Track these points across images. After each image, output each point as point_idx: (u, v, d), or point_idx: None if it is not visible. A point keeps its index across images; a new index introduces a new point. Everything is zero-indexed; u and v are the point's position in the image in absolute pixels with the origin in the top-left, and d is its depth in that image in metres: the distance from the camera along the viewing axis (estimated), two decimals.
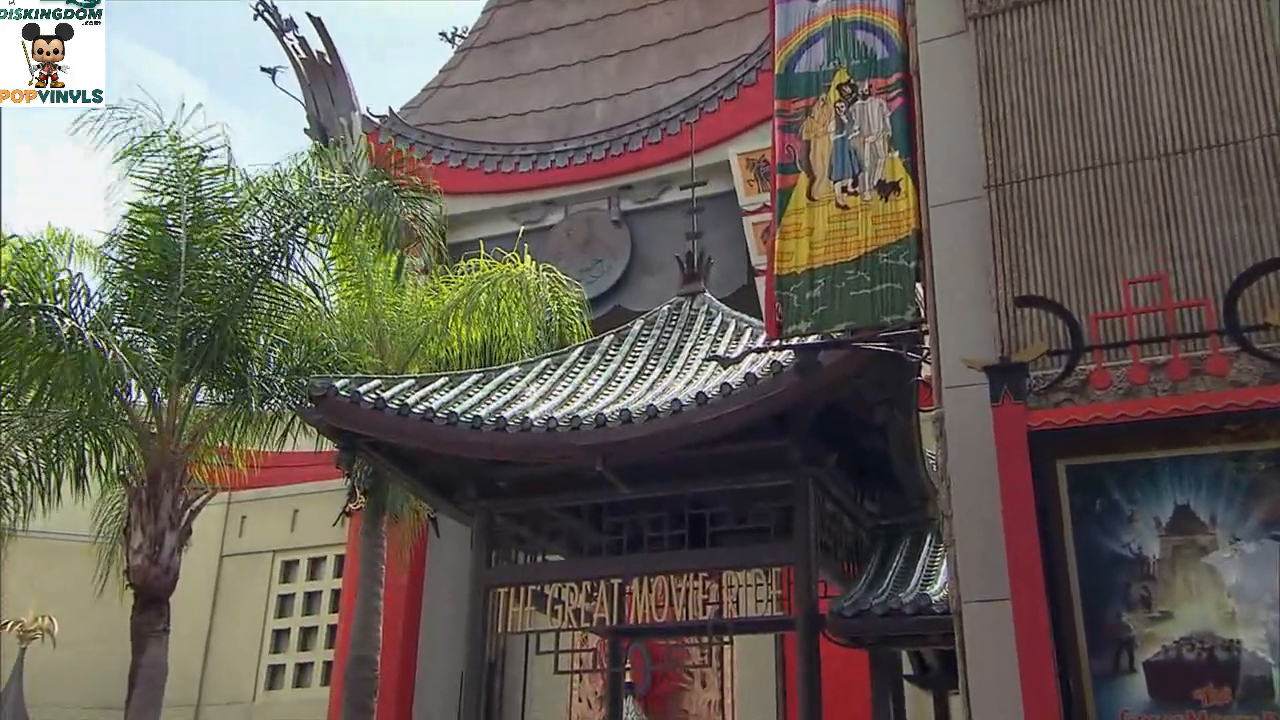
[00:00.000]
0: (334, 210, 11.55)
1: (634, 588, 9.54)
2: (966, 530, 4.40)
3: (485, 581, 9.76)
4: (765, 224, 14.74)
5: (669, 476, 9.44)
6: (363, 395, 9.24)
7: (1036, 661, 3.70)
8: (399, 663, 17.10)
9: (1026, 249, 4.57)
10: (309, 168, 12.02)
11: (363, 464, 12.14)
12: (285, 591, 20.63)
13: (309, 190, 11.70)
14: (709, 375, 9.56)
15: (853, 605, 8.44)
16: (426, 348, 13.06)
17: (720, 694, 17.09)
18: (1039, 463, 3.93)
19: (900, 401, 8.50)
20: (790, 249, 5.67)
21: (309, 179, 11.79)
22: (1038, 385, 4.26)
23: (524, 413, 9.18)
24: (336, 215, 11.62)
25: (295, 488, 20.18)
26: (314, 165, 12.16)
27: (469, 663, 9.67)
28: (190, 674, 19.51)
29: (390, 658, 15.23)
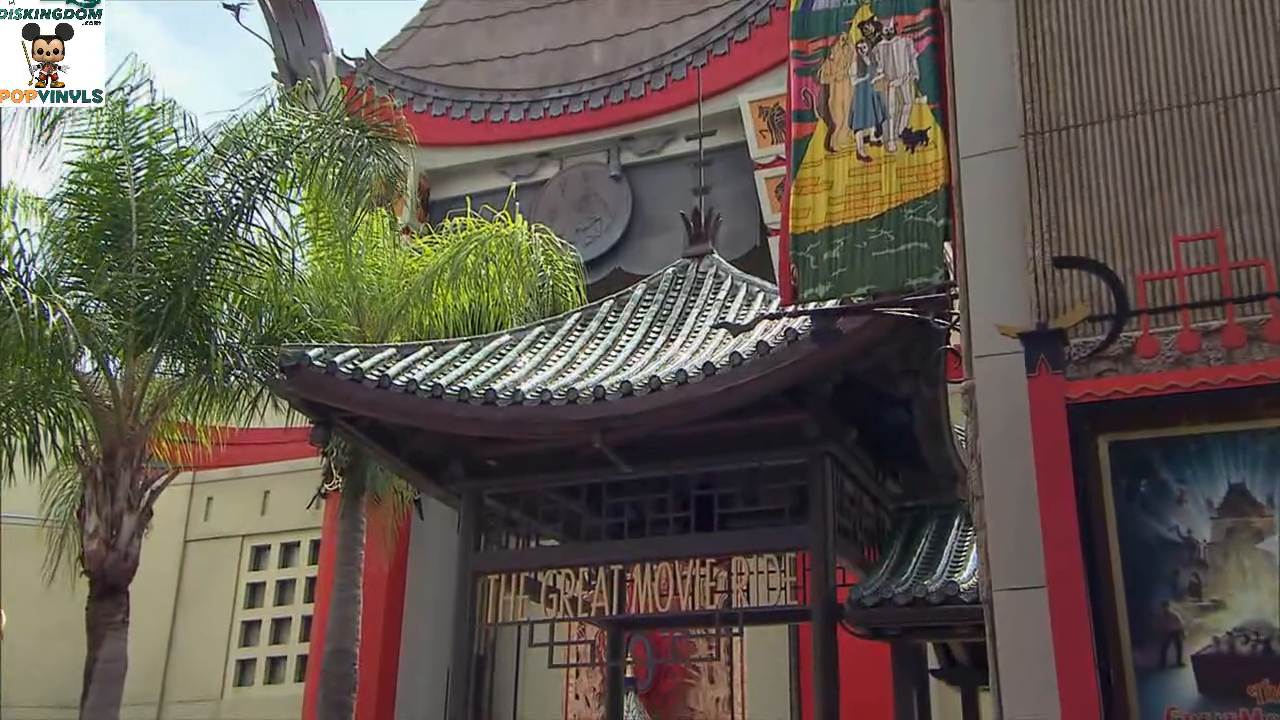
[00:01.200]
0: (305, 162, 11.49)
1: (635, 575, 9.58)
2: (998, 512, 4.40)
3: (474, 568, 9.80)
4: (779, 178, 14.68)
5: (674, 454, 9.46)
6: (339, 365, 9.24)
7: (1074, 655, 3.71)
8: (380, 657, 17.21)
9: (1067, 204, 4.54)
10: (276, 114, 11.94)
11: (340, 441, 12.16)
12: (256, 580, 20.72)
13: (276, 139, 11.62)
14: (717, 344, 9.56)
15: (873, 593, 8.48)
16: (408, 314, 13.04)
17: (729, 690, 17.21)
18: (1079, 439, 3.92)
19: (926, 372, 8.51)
20: (807, 205, 5.65)
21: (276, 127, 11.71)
22: (1078, 354, 4.25)
23: (515, 384, 9.18)
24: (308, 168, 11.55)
25: (266, 467, 20.22)
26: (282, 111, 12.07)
27: (456, 656, 9.73)
28: (152, 669, 19.64)
29: (370, 651, 15.32)
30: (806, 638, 12.28)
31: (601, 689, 16.32)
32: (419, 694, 17.84)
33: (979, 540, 4.57)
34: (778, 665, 16.24)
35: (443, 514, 15.28)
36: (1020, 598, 4.22)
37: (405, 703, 17.76)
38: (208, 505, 21.29)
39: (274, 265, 12.12)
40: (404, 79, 19.19)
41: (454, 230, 13.56)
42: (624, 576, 10.31)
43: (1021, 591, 4.21)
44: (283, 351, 9.82)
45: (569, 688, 18.27)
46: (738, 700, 17.13)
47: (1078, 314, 4.19)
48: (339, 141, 11.47)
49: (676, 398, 8.50)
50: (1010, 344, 4.17)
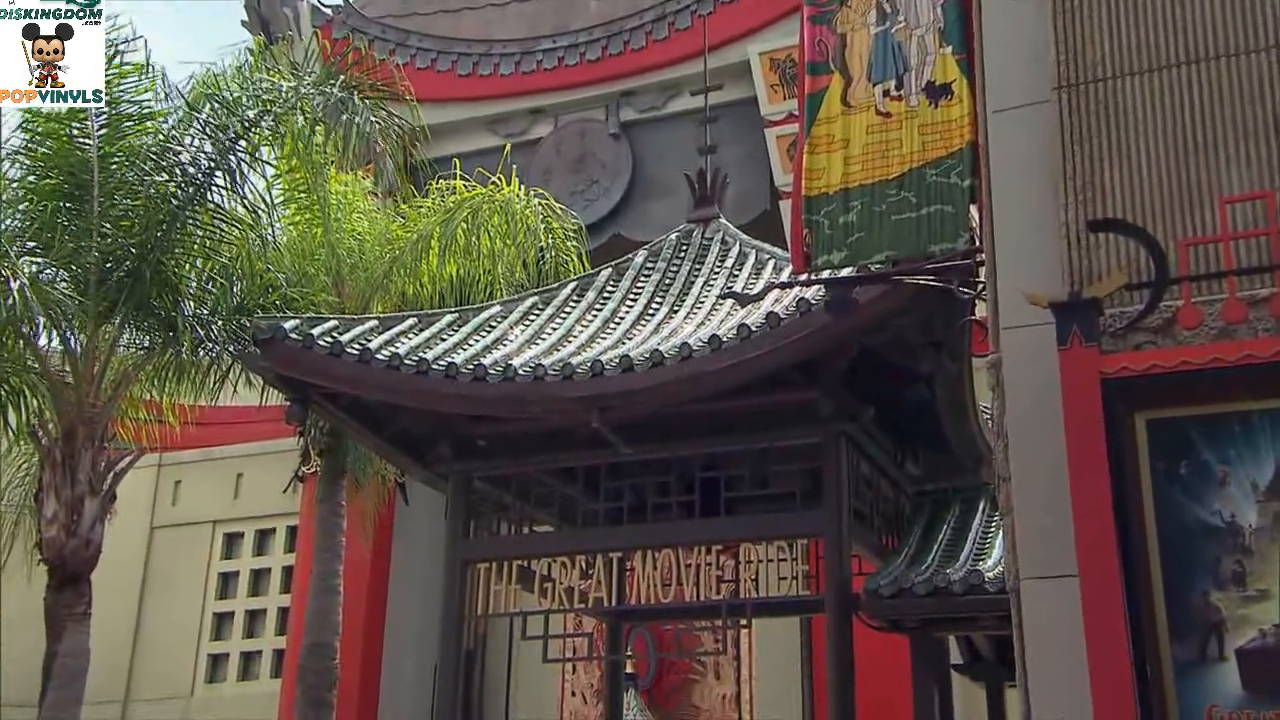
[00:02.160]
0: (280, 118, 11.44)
1: (636, 563, 9.61)
2: (1027, 495, 4.41)
3: (463, 556, 9.83)
4: (792, 136, 14.62)
5: (677, 434, 9.47)
6: (317, 338, 9.24)
7: (1108, 648, 3.72)
8: (362, 651, 17.28)
9: (1103, 162, 4.52)
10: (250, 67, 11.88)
11: (318, 420, 12.17)
12: (228, 569, 20.80)
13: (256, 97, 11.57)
14: (724, 315, 9.55)
15: (891, 583, 8.51)
16: (392, 283, 13.03)
17: (736, 686, 17.28)
18: (1114, 416, 3.92)
19: (950, 346, 8.50)
20: (821, 165, 5.63)
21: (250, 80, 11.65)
22: (1114, 325, 4.24)
23: (507, 359, 9.18)
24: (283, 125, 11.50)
25: (238, 448, 20.26)
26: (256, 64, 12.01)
27: (443, 650, 9.77)
28: (117, 664, 19.73)
29: (352, 645, 15.38)
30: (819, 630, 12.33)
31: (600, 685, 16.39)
32: (404, 691, 17.93)
33: (1005, 525, 4.58)
34: (788, 660, 16.31)
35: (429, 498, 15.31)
36: (1050, 587, 4.23)
37: (389, 700, 17.86)
38: (176, 489, 21.34)
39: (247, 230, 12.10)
40: (386, 28, 19.10)
41: (441, 193, 13.53)
42: (624, 565, 10.33)
43: (1051, 580, 4.22)
44: (256, 323, 9.81)
45: (565, 684, 18.35)
46: (745, 697, 17.20)
47: (1114, 282, 4.18)
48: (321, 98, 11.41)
49: (680, 373, 8.50)
50: (1040, 314, 4.16)
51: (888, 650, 10.19)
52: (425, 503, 16.85)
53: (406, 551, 18.18)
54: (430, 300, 13.04)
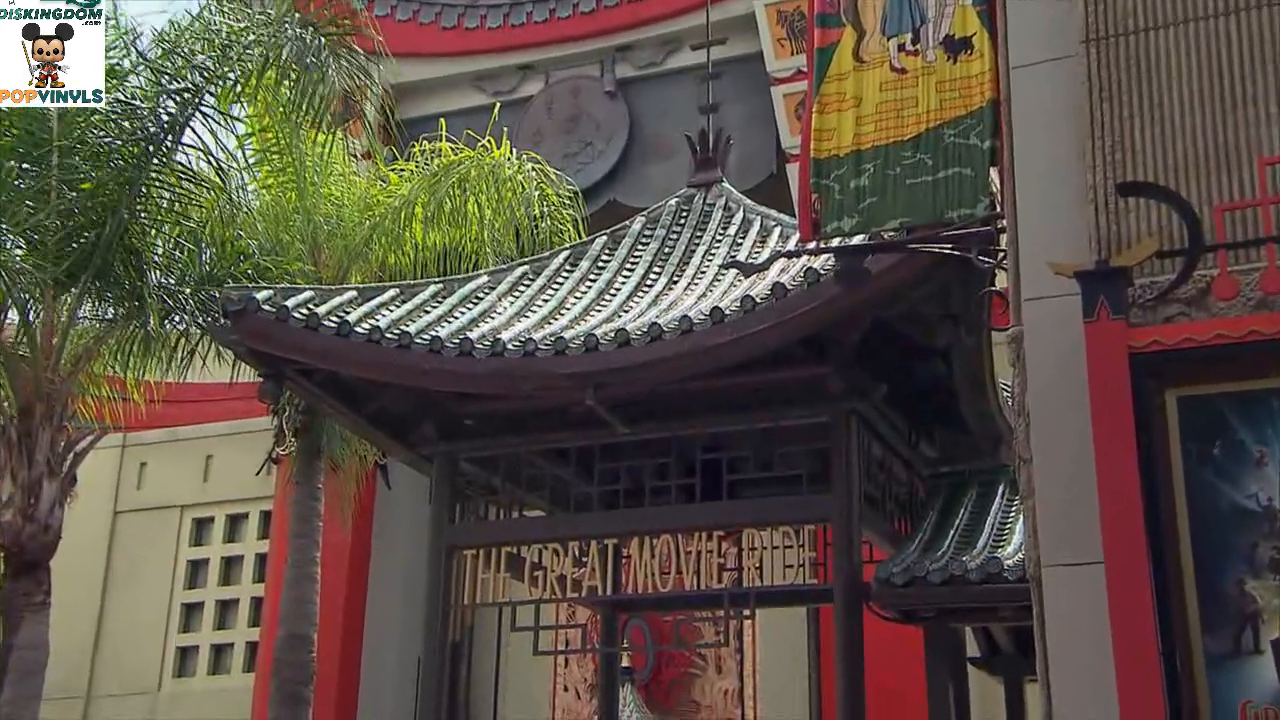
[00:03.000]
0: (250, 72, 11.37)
1: (633, 550, 9.64)
2: (1049, 478, 4.41)
3: (448, 542, 9.85)
4: (800, 95, 14.58)
5: (677, 413, 9.48)
6: (291, 310, 9.23)
7: (1136, 640, 3.73)
8: (341, 644, 17.34)
9: (1133, 121, 4.51)
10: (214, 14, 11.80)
11: (293, 397, 12.17)
12: (197, 556, 20.83)
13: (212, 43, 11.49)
14: (727, 287, 9.55)
15: (904, 571, 8.54)
16: (372, 252, 13.01)
17: (739, 681, 17.37)
18: (1143, 393, 3.92)
19: (968, 319, 8.50)
20: (831, 125, 5.61)
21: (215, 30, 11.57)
22: (1144, 296, 4.24)
23: (495, 333, 9.18)
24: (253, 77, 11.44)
25: (208, 428, 20.25)
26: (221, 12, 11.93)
27: (428, 643, 9.81)
28: (78, 657, 19.77)
29: (330, 637, 15.44)
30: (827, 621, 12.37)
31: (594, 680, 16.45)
32: (385, 685, 17.99)
33: (1026, 510, 4.59)
34: (794, 653, 16.39)
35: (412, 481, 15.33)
36: (1073, 575, 4.24)
37: (370, 695, 17.93)
38: (141, 471, 21.34)
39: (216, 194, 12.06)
40: None
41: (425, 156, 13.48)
42: (620, 552, 10.35)
43: (1075, 568, 4.23)
44: (226, 294, 9.79)
45: (557, 678, 18.43)
46: (749, 692, 17.28)
47: (1144, 249, 4.18)
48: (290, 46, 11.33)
49: (680, 348, 8.50)
50: (1065, 284, 4.16)
51: (900, 643, 10.23)
52: (408, 486, 16.88)
53: (388, 538, 18.21)
54: (413, 270, 13.01)
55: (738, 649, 17.30)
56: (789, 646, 16.47)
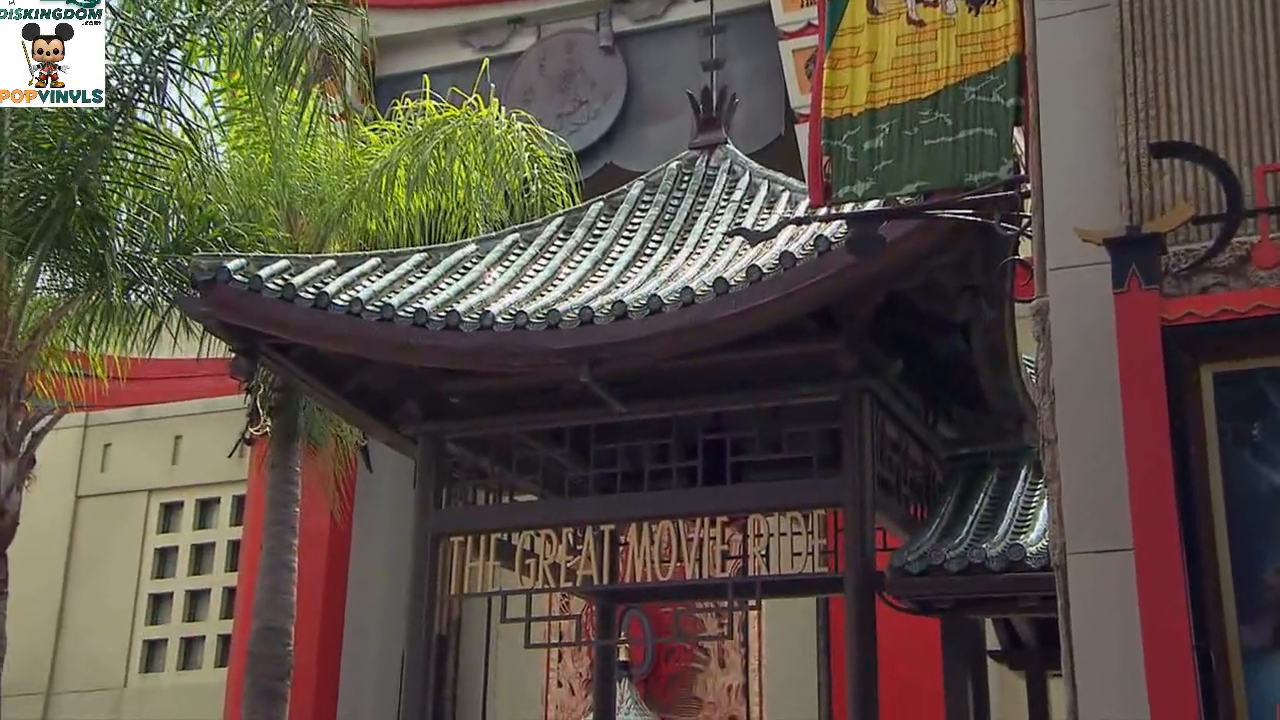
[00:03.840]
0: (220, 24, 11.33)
1: (631, 537, 9.66)
2: (1075, 460, 4.42)
3: (434, 528, 9.87)
4: (811, 50, 14.52)
5: (678, 391, 9.49)
6: (265, 281, 9.23)
7: (1167, 632, 3.74)
8: (319, 636, 17.41)
9: (1169, 77, 4.50)
10: None
11: (267, 374, 12.18)
12: (165, 543, 20.89)
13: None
14: (732, 256, 9.54)
15: (920, 559, 8.56)
16: (352, 218, 13.01)
17: (743, 676, 17.44)
18: (1177, 369, 3.92)
19: (989, 290, 8.50)
20: (844, 82, 5.60)
21: None
22: (1178, 264, 4.24)
23: (484, 305, 9.18)
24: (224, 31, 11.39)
25: (176, 406, 20.28)
26: None
27: (412, 635, 9.84)
28: (38, 651, 19.83)
29: (308, 629, 15.49)
30: (838, 613, 12.42)
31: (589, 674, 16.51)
32: (367, 680, 18.06)
33: (1050, 494, 4.60)
34: (802, 647, 16.46)
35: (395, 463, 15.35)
36: (1100, 563, 4.25)
37: (350, 691, 18.01)
38: (105, 452, 21.39)
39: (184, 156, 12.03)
40: None
41: (408, 115, 13.46)
42: (617, 539, 10.38)
43: (1102, 555, 4.24)
44: (195, 262, 9.78)
45: (550, 673, 18.50)
46: (754, 688, 17.36)
47: (1179, 215, 4.17)
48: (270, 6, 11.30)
49: (681, 321, 8.50)
50: (1094, 253, 4.15)
51: (915, 635, 10.27)
52: (391, 468, 16.90)
53: (370, 524, 18.25)
54: (396, 238, 13.01)
55: (742, 642, 17.37)
56: (797, 640, 16.53)
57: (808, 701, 16.18)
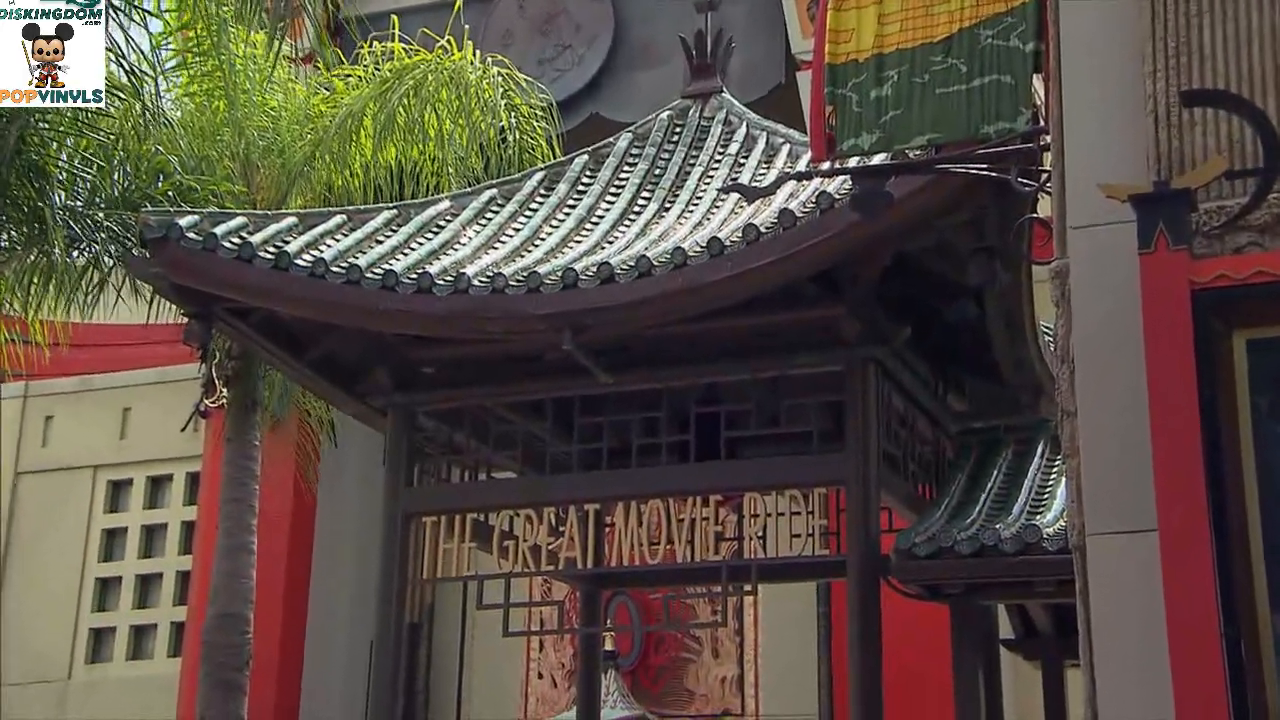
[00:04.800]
0: None
1: (617, 517, 9.68)
2: (1096, 434, 4.44)
3: (405, 508, 9.88)
4: None
5: (668, 360, 9.49)
6: (220, 239, 9.20)
7: (1194, 618, 3.76)
8: (281, 623, 17.43)
9: (1202, 19, 4.49)
10: None
11: (224, 341, 12.16)
12: (114, 524, 20.86)
13: None
14: (727, 214, 9.54)
15: (929, 540, 8.59)
16: (314, 172, 12.95)
17: (738, 667, 17.53)
18: (1207, 336, 3.93)
19: (1005, 251, 8.50)
20: (849, 25, 5.60)
21: None
22: (1210, 223, 4.24)
23: (459, 267, 9.17)
24: None
25: (125, 376, 20.22)
26: None
27: (381, 623, 9.86)
28: None
29: (268, 616, 15.51)
30: (840, 599, 12.47)
31: (573, 665, 16.58)
32: (333, 671, 18.10)
33: (1069, 470, 4.61)
34: (802, 635, 16.51)
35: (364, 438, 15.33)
36: (1122, 545, 4.27)
37: (315, 682, 18.04)
38: (47, 425, 21.32)
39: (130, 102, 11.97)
40: None
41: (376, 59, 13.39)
42: (602, 519, 10.40)
43: (1124, 536, 4.26)
44: (144, 218, 9.73)
45: (530, 663, 18.57)
46: (749, 680, 17.46)
47: (1212, 169, 4.17)
48: None
49: (672, 285, 8.49)
50: (1118, 210, 4.16)
51: (923, 623, 10.32)
52: (359, 443, 16.89)
53: (336, 503, 18.26)
54: (363, 193, 12.97)
55: (737, 630, 17.45)
56: (796, 628, 16.59)
57: (807, 694, 16.25)
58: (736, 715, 17.39)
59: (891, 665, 9.08)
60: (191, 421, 17.46)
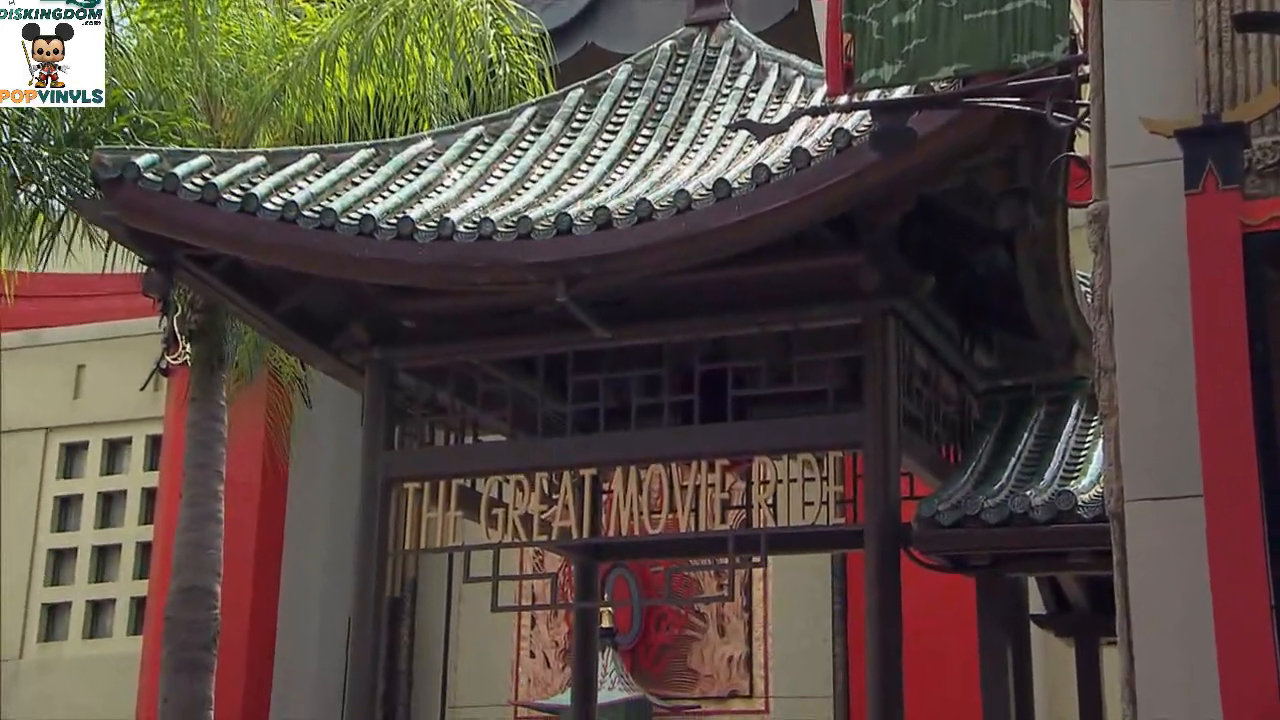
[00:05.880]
0: None
1: (615, 483, 9.70)
2: (1137, 391, 4.44)
3: (385, 473, 9.91)
4: None
5: (671, 312, 9.50)
6: (182, 180, 9.18)
7: (1241, 591, 3.77)
8: (251, 598, 17.49)
9: None
10: None
11: (187, 291, 12.15)
12: (68, 490, 20.90)
13: None
14: (735, 153, 9.51)
15: (953, 508, 8.61)
16: (284, 107, 12.91)
17: (746, 646, 17.61)
18: (1258, 283, 3.93)
19: (1038, 194, 8.48)
20: None
21: None
22: (1263, 160, 4.23)
23: (442, 211, 9.16)
24: None
25: (78, 330, 20.23)
26: None
27: (360, 598, 9.90)
28: None
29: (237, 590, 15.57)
30: (857, 572, 12.51)
31: (567, 643, 16.66)
32: (307, 650, 18.18)
33: (1106, 431, 4.62)
34: (815, 612, 16.60)
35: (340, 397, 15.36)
36: (1164, 512, 4.28)
37: (288, 662, 18.12)
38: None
39: None
40: None
41: None
42: (599, 486, 10.43)
43: (1166, 503, 4.27)
44: (98, 157, 9.70)
45: (521, 641, 18.65)
46: (758, 660, 17.54)
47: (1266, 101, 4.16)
48: None
49: (675, 231, 8.49)
50: (1163, 147, 4.15)
51: (947, 597, 10.36)
52: (335, 404, 16.92)
53: (310, 467, 18.29)
54: (338, 131, 12.93)
55: (745, 606, 17.52)
56: (808, 603, 16.67)
57: (820, 674, 16.34)
58: (744, 697, 17.48)
59: (912, 644, 9.13)
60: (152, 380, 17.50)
